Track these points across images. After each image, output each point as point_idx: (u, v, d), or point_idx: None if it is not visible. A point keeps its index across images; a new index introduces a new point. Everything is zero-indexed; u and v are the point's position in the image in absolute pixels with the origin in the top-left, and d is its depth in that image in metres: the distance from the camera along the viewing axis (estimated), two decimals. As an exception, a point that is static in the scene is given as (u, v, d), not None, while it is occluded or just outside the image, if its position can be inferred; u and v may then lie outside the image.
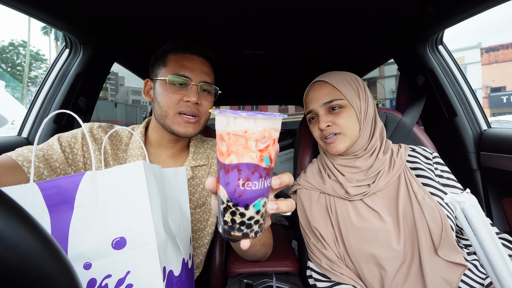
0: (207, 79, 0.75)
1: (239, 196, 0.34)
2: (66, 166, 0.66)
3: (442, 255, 0.63)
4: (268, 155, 0.34)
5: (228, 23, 1.03)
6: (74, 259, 0.46)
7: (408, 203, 0.69)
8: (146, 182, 0.50)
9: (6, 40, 36.68)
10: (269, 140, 0.34)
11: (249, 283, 0.83)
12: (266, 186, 0.35)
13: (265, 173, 0.34)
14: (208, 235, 0.85)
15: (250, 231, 0.36)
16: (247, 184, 0.33)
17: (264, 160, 0.34)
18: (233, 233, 0.36)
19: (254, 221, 0.35)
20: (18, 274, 0.20)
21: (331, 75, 0.79)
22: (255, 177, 0.33)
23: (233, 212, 0.35)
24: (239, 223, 0.35)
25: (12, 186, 0.44)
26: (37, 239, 0.22)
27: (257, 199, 0.35)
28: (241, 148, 0.33)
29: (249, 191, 0.34)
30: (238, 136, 0.33)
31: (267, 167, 0.34)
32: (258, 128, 0.33)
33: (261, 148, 0.33)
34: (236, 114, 0.32)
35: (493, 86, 25.60)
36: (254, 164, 0.33)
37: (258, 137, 0.33)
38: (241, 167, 0.33)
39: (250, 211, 0.35)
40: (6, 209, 0.22)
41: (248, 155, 0.33)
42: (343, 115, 0.74)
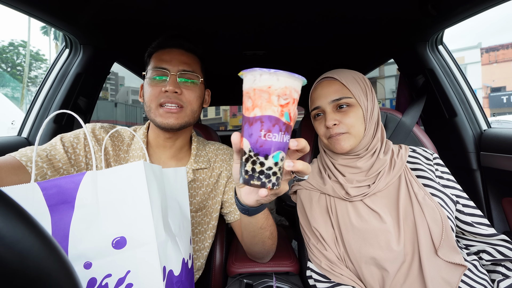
0: (186, 67, 0.74)
1: (260, 146, 0.38)
2: (69, 167, 0.66)
3: (442, 255, 0.63)
4: (288, 111, 0.38)
5: (228, 23, 1.03)
6: (74, 259, 0.46)
7: (409, 203, 0.69)
8: (147, 182, 0.50)
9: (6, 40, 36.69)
10: (290, 98, 0.37)
11: (249, 283, 0.83)
12: (284, 141, 0.38)
13: (284, 128, 0.38)
14: (209, 238, 0.85)
15: (268, 181, 0.39)
16: (268, 135, 0.37)
17: (284, 115, 0.37)
18: (252, 182, 0.39)
19: (272, 172, 0.38)
20: (17, 273, 0.20)
21: (340, 72, 0.78)
22: (276, 129, 0.37)
23: (254, 161, 0.38)
24: (259, 172, 0.38)
25: (13, 186, 0.45)
26: (35, 238, 0.22)
27: (276, 151, 0.38)
28: (264, 102, 0.37)
29: (269, 142, 0.37)
30: (262, 91, 0.37)
31: (287, 123, 0.38)
32: (280, 84, 0.37)
33: (282, 104, 0.37)
34: (262, 71, 0.36)
35: (493, 86, 25.60)
36: (275, 117, 0.37)
37: (280, 93, 0.37)
38: (264, 119, 0.37)
39: (269, 161, 0.38)
40: (4, 207, 0.22)
41: (270, 108, 0.37)
42: (350, 114, 0.73)
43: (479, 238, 0.70)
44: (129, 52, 1.30)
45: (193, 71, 0.75)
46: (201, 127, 1.11)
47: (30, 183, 0.46)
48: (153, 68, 0.73)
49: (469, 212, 0.72)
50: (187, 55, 0.76)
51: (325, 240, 0.73)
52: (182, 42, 0.76)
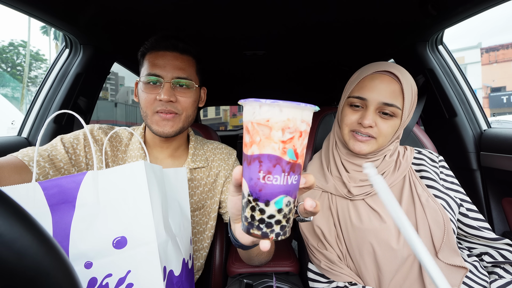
0: (181, 74, 0.72)
1: (260, 190, 0.33)
2: (70, 166, 0.67)
3: (442, 258, 0.62)
4: (293, 147, 0.32)
5: (228, 23, 1.03)
6: (75, 258, 0.46)
7: (411, 205, 0.68)
8: (147, 182, 0.50)
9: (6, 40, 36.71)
10: (295, 132, 0.32)
11: (249, 283, 0.83)
12: (290, 183, 0.33)
13: (288, 168, 0.32)
14: (207, 239, 0.85)
15: (270, 231, 0.34)
16: (268, 178, 0.32)
17: (287, 153, 0.32)
18: (252, 231, 0.34)
19: (275, 220, 0.33)
20: (15, 272, 0.20)
21: (404, 74, 0.69)
22: (277, 170, 0.32)
23: (253, 208, 0.34)
24: (259, 220, 0.33)
25: (14, 185, 0.45)
26: (33, 236, 0.22)
27: (278, 196, 0.33)
28: (263, 138, 0.32)
29: (270, 186, 0.32)
30: (261, 126, 0.32)
31: (292, 162, 0.32)
32: (282, 117, 0.31)
33: (284, 140, 0.32)
34: (261, 102, 0.31)
35: (493, 86, 25.59)
36: (276, 156, 0.32)
37: (282, 127, 0.31)
38: (262, 158, 0.32)
39: (270, 208, 0.33)
40: (3, 206, 0.22)
41: (269, 146, 0.32)
42: (389, 123, 0.68)
43: (483, 241, 0.70)
44: (129, 52, 1.30)
45: (188, 76, 0.73)
46: (201, 127, 1.11)
47: (32, 182, 0.46)
48: (146, 75, 0.71)
49: (473, 216, 0.72)
50: (182, 58, 0.74)
51: (326, 239, 0.72)
52: (176, 43, 0.73)
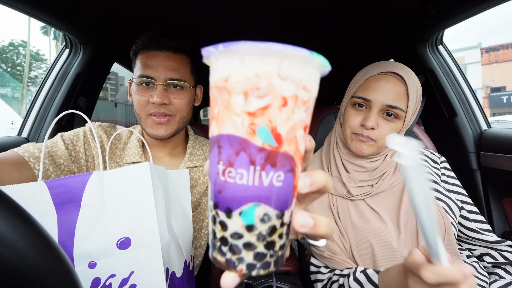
0: (175, 75, 0.70)
1: (219, 191, 0.21)
2: (70, 163, 0.67)
3: None
4: (269, 125, 0.20)
5: (228, 23, 1.03)
6: (79, 258, 0.46)
7: (411, 206, 0.68)
8: (152, 183, 0.50)
9: (6, 40, 36.69)
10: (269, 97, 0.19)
11: (249, 283, 0.83)
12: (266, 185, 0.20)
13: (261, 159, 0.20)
14: (205, 237, 0.85)
15: (238, 260, 0.21)
16: (229, 172, 0.20)
17: (257, 133, 0.19)
18: (214, 255, 0.23)
19: (244, 243, 0.21)
20: (16, 272, 0.20)
21: (410, 75, 0.67)
22: (241, 161, 0.20)
23: (214, 218, 0.22)
24: (220, 240, 0.22)
25: (20, 184, 0.45)
26: (34, 237, 0.22)
27: (245, 203, 0.21)
28: (222, 108, 0.20)
29: (232, 186, 0.20)
30: (219, 89, 0.20)
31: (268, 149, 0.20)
32: (246, 71, 0.19)
33: (250, 110, 0.19)
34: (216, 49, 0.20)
35: (493, 86, 25.60)
36: (239, 137, 0.20)
37: (246, 89, 0.19)
38: (222, 141, 0.21)
39: (234, 223, 0.21)
40: (4, 207, 0.22)
41: (229, 121, 0.20)
42: (392, 125, 0.66)
43: (484, 244, 0.70)
44: (129, 52, 1.30)
45: (181, 77, 0.71)
46: (201, 127, 1.11)
47: (38, 181, 0.47)
48: (139, 76, 0.70)
49: (474, 218, 0.72)
50: (175, 58, 0.71)
51: None
52: (169, 42, 0.71)
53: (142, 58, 0.71)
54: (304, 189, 0.23)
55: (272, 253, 0.22)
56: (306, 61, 0.20)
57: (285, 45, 0.18)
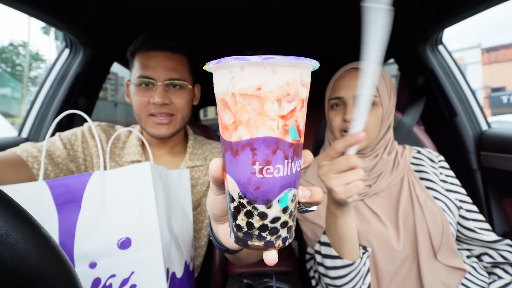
0: (174, 75, 0.71)
1: (256, 188, 0.24)
2: (68, 162, 0.67)
3: (441, 259, 0.62)
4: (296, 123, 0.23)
5: (228, 23, 1.03)
6: (80, 258, 0.46)
7: (410, 205, 0.68)
8: (153, 183, 0.50)
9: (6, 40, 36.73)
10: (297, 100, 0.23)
11: (249, 283, 0.83)
12: (294, 172, 0.24)
13: (292, 152, 0.24)
14: (204, 237, 0.84)
15: (276, 238, 0.25)
16: (267, 170, 0.23)
17: (289, 132, 0.23)
18: (251, 243, 0.25)
19: (281, 223, 0.25)
20: (16, 272, 0.20)
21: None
22: (278, 158, 0.23)
23: (249, 213, 0.25)
24: (259, 228, 0.25)
25: (21, 184, 0.46)
26: (34, 238, 0.22)
27: (282, 191, 0.24)
28: (254, 114, 0.22)
29: (271, 180, 0.23)
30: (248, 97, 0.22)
31: (295, 143, 0.24)
32: (279, 81, 0.22)
33: (284, 114, 0.22)
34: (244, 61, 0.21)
35: (494, 86, 25.59)
36: (275, 138, 0.23)
37: (280, 95, 0.22)
38: (256, 145, 0.23)
39: (274, 210, 0.24)
40: (4, 207, 0.22)
41: (265, 125, 0.22)
42: (371, 113, 0.70)
43: (483, 244, 0.70)
44: (129, 52, 1.30)
45: (181, 77, 0.72)
46: (201, 127, 1.11)
47: (39, 181, 0.47)
48: (138, 77, 0.70)
49: (472, 217, 0.71)
50: (174, 58, 0.72)
51: None
52: (167, 42, 0.71)
53: (141, 59, 0.71)
54: (304, 199, 0.28)
55: (294, 224, 0.27)
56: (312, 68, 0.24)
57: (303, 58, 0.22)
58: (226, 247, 0.38)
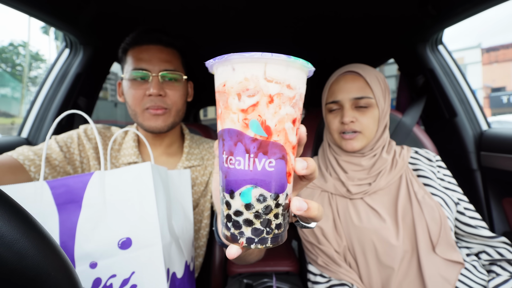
0: (169, 66, 0.71)
1: (224, 176, 0.26)
2: (65, 164, 0.67)
3: (439, 252, 0.63)
4: (258, 119, 0.24)
5: (228, 22, 1.03)
6: (80, 258, 0.46)
7: (408, 202, 0.69)
8: (153, 183, 0.50)
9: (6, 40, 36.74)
10: (259, 96, 0.24)
11: (249, 283, 0.83)
12: (260, 170, 0.25)
13: (254, 147, 0.24)
14: (203, 237, 0.85)
15: (239, 233, 0.26)
16: (230, 160, 0.25)
17: (250, 126, 0.24)
18: (223, 230, 0.28)
19: (244, 220, 0.26)
20: (16, 272, 0.20)
21: (365, 69, 0.75)
22: (239, 150, 0.25)
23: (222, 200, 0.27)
24: (226, 217, 0.27)
25: (22, 184, 0.46)
26: (34, 237, 0.22)
27: (244, 185, 0.25)
28: (223, 108, 0.25)
29: (233, 171, 0.25)
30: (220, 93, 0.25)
31: (259, 139, 0.24)
32: (237, 77, 0.24)
33: (244, 108, 0.24)
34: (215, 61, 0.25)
35: (494, 86, 25.59)
36: (236, 130, 0.24)
37: (238, 91, 0.24)
38: (224, 135, 0.26)
39: (235, 202, 0.26)
40: (4, 207, 0.22)
41: (228, 118, 0.25)
42: (368, 114, 0.73)
43: (480, 240, 0.70)
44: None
45: (175, 69, 0.73)
46: (201, 127, 1.11)
47: (39, 181, 0.47)
48: (132, 70, 0.70)
49: (470, 215, 0.72)
50: (167, 51, 0.72)
51: (325, 234, 0.73)
52: (160, 36, 0.72)
53: (134, 53, 0.71)
54: (302, 170, 0.27)
55: (268, 230, 0.26)
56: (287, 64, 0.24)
57: (266, 53, 0.23)
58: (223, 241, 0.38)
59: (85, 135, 0.73)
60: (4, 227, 0.20)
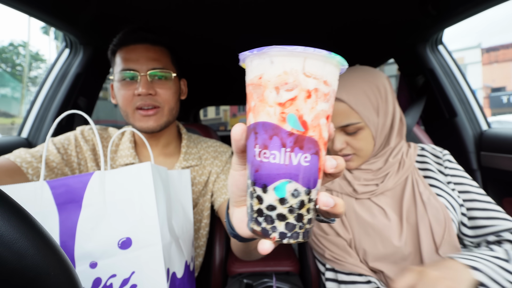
0: (157, 65, 0.70)
1: (256, 170, 0.26)
2: (63, 166, 0.67)
3: (443, 254, 0.63)
4: (296, 113, 0.24)
5: (228, 22, 1.03)
6: (80, 258, 0.46)
7: (412, 203, 0.69)
8: (153, 183, 0.50)
9: (6, 40, 36.73)
10: (297, 89, 0.23)
11: (249, 283, 0.83)
12: (295, 164, 0.24)
13: (291, 142, 0.24)
14: (202, 237, 0.84)
15: (271, 228, 0.26)
16: (264, 154, 0.25)
17: (287, 120, 0.24)
18: (252, 225, 0.27)
19: (277, 214, 0.26)
20: (15, 272, 0.20)
21: (350, 89, 0.68)
22: (274, 144, 0.24)
23: (251, 194, 0.27)
24: (257, 212, 0.26)
25: (22, 184, 0.46)
26: (34, 237, 0.22)
27: (278, 180, 0.25)
28: (257, 101, 0.25)
29: (267, 165, 0.25)
30: (255, 86, 0.25)
31: (296, 133, 0.24)
32: (275, 70, 0.24)
33: (281, 101, 0.24)
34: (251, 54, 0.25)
35: (494, 86, 25.58)
36: (272, 124, 0.24)
37: (276, 84, 0.24)
38: (257, 128, 0.25)
39: (269, 196, 0.25)
40: (4, 207, 0.22)
41: (264, 111, 0.24)
42: (359, 137, 0.68)
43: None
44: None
45: (164, 67, 0.72)
46: (201, 127, 1.11)
47: (40, 181, 0.47)
48: (121, 70, 0.69)
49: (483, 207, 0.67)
50: (154, 49, 0.71)
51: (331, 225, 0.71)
52: (145, 35, 0.71)
53: (121, 54, 0.71)
54: (331, 169, 0.27)
55: (301, 225, 0.26)
56: (326, 60, 0.24)
57: (307, 47, 0.23)
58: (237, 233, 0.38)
59: (82, 137, 0.73)
60: (4, 227, 0.20)
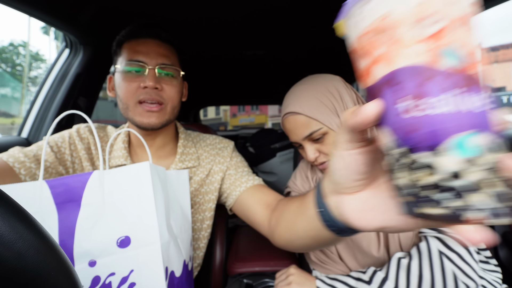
0: (165, 61, 0.69)
1: (408, 132, 0.18)
2: (57, 165, 0.66)
3: None
4: (451, 44, 0.18)
5: (228, 22, 1.03)
6: (79, 257, 0.47)
7: None
8: (152, 183, 0.50)
9: (6, 40, 36.75)
10: (445, 18, 0.18)
11: (249, 283, 0.83)
12: (477, 106, 0.18)
13: (462, 80, 0.17)
14: (204, 239, 0.82)
15: (465, 207, 0.17)
16: (421, 105, 0.18)
17: (446, 54, 0.18)
18: (419, 210, 0.19)
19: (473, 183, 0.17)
20: (15, 272, 0.20)
21: (302, 101, 0.69)
22: (435, 86, 0.18)
23: (409, 166, 0.19)
24: (428, 187, 0.18)
25: (22, 183, 0.46)
26: (34, 237, 0.22)
27: (459, 133, 0.17)
28: (389, 45, 0.19)
29: (428, 119, 0.18)
30: (377, 31, 0.19)
31: (462, 69, 0.18)
32: (410, 1, 0.18)
33: (427, 36, 0.18)
34: None
35: (494, 86, 25.55)
36: (421, 66, 0.18)
37: (418, 16, 0.18)
38: (399, 77, 0.19)
39: (448, 160, 0.17)
40: (3, 206, 0.22)
41: (403, 53, 0.18)
42: (326, 141, 0.68)
43: None
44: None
45: (173, 64, 0.71)
46: (201, 127, 1.11)
47: (39, 180, 0.47)
48: (128, 61, 0.67)
49: None
50: (165, 46, 0.71)
51: None
52: (159, 31, 0.70)
53: (130, 45, 0.69)
54: None
55: (504, 188, 0.17)
56: None
57: None
58: (346, 226, 0.28)
59: (78, 135, 0.72)
60: (4, 227, 0.20)
